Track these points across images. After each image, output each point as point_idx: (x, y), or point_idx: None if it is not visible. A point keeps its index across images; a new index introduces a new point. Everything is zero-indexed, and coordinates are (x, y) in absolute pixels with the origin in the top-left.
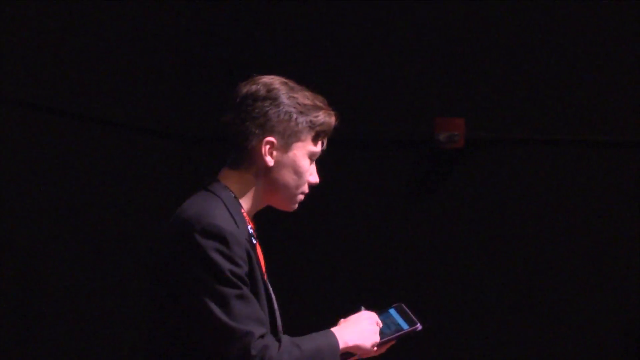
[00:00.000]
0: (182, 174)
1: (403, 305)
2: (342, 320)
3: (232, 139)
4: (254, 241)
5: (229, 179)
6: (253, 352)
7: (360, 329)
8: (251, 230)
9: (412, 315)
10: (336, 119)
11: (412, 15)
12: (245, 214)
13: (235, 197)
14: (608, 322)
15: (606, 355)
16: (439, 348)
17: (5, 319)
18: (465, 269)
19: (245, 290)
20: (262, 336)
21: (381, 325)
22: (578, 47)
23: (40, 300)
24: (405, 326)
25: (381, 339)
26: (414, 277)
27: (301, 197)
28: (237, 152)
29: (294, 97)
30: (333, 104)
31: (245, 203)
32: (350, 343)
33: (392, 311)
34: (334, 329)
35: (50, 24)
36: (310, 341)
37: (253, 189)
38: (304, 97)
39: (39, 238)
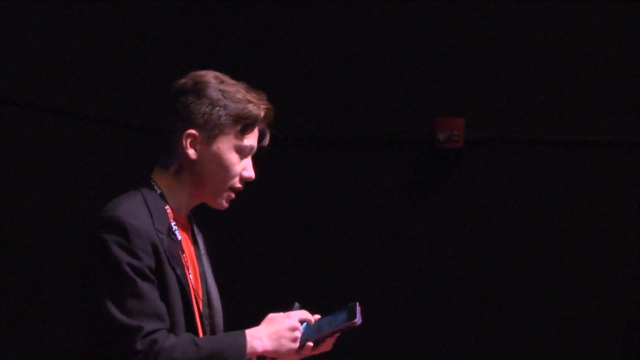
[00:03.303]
0: None
1: (356, 304)
2: (270, 315)
3: (159, 134)
4: (178, 237)
5: (157, 175)
6: (138, 346)
7: (276, 334)
8: (174, 227)
9: (358, 312)
10: (269, 114)
11: (412, 15)
12: (169, 210)
13: (161, 192)
14: (608, 322)
15: (606, 355)
16: (439, 347)
17: (6, 319)
18: (465, 268)
19: (142, 285)
20: (154, 331)
21: (301, 329)
22: (578, 47)
23: (40, 300)
24: (344, 322)
25: (318, 334)
26: (414, 277)
27: (230, 193)
28: (165, 147)
29: (220, 90)
30: (334, 103)
31: (172, 198)
32: (260, 349)
33: (344, 310)
34: (248, 331)
35: (41, 22)
36: (213, 342)
37: (179, 183)
38: (235, 91)
39: (38, 237)
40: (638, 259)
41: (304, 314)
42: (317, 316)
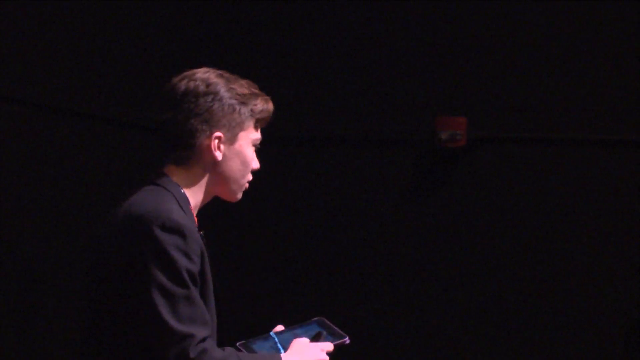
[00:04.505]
0: None
1: (325, 319)
2: (302, 341)
3: (175, 137)
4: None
5: (176, 175)
6: (192, 355)
7: None
8: (196, 227)
9: (337, 329)
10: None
11: (413, 13)
12: (192, 209)
13: (183, 192)
14: (608, 322)
15: (606, 355)
16: (440, 348)
17: (6, 319)
18: (466, 268)
19: (194, 291)
20: (203, 339)
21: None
22: (579, 47)
23: (40, 300)
24: (333, 340)
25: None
26: (415, 276)
27: (247, 185)
28: (183, 149)
29: (232, 89)
30: (336, 102)
31: (193, 198)
32: None
33: (315, 325)
34: (283, 356)
35: (41, 21)
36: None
37: (201, 183)
38: (241, 86)
39: (39, 237)
40: (638, 259)
41: (329, 346)
42: (281, 327)
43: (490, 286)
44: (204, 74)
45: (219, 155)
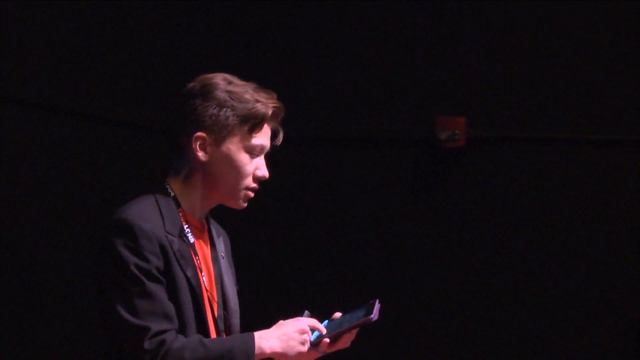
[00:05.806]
0: None
1: (376, 301)
2: (280, 321)
3: (171, 137)
4: (191, 239)
5: (171, 178)
6: (147, 346)
7: (285, 337)
8: (187, 229)
9: (375, 309)
10: (278, 112)
11: (413, 14)
12: (181, 212)
13: (174, 195)
14: (608, 322)
15: (606, 355)
16: (439, 348)
17: (6, 319)
18: (466, 268)
19: (150, 285)
20: (162, 332)
21: (311, 335)
22: (578, 47)
23: (40, 300)
24: (361, 318)
25: (334, 331)
26: (415, 276)
27: (248, 192)
28: (177, 149)
29: (228, 91)
30: (335, 102)
31: (186, 201)
32: (268, 350)
33: (364, 307)
34: (256, 333)
35: (43, 21)
36: (221, 343)
37: (193, 185)
38: (243, 91)
39: (38, 237)
40: (638, 259)
41: (314, 321)
42: (338, 314)
43: (490, 286)
44: (209, 76)
45: (202, 155)
